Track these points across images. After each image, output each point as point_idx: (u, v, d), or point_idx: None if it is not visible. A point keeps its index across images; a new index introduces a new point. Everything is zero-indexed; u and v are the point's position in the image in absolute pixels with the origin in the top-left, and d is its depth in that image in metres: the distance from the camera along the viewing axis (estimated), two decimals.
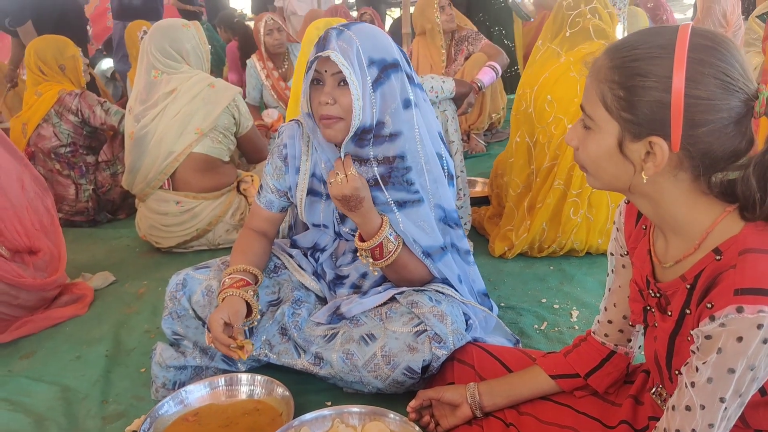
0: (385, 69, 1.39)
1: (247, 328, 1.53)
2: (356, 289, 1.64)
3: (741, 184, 0.87)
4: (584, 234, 2.25)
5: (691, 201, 0.91)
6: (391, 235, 1.47)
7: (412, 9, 5.74)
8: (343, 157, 1.42)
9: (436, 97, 2.20)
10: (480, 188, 3.07)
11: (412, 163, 1.46)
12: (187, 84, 2.53)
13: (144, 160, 2.53)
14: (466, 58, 3.65)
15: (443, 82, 2.22)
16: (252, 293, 1.49)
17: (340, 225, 1.59)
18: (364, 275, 1.63)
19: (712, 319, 0.85)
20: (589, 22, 2.24)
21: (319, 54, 1.34)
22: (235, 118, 2.59)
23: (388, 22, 6.84)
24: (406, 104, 1.43)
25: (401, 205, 1.48)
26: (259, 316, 1.53)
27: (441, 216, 1.54)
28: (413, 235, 1.50)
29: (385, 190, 1.46)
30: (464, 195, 2.36)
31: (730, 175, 0.89)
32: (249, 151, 2.84)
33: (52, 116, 2.95)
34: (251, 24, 4.53)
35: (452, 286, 1.58)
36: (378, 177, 1.45)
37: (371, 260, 1.49)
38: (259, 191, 1.66)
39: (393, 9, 9.24)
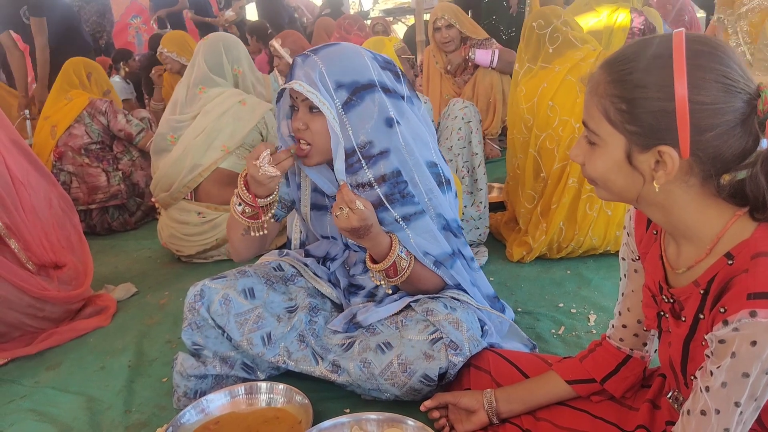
0: (357, 91, 1.39)
1: (265, 335, 1.57)
2: (371, 297, 1.65)
3: (750, 182, 0.86)
4: (603, 228, 2.25)
5: (701, 205, 0.91)
6: (402, 252, 1.48)
7: (426, 17, 5.78)
8: (339, 185, 1.41)
9: None
10: (496, 194, 3.08)
11: (407, 177, 1.46)
12: (217, 99, 2.54)
13: (168, 172, 2.56)
14: (477, 66, 3.69)
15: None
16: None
17: (346, 237, 1.61)
18: (378, 286, 1.65)
19: (726, 323, 0.85)
20: (567, 33, 2.30)
21: (283, 86, 1.40)
22: (262, 135, 2.60)
23: (402, 29, 6.86)
24: (389, 123, 1.43)
25: (407, 219, 1.49)
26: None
27: (443, 224, 1.55)
28: (423, 247, 1.50)
29: (391, 208, 1.47)
30: (484, 207, 2.37)
31: (738, 176, 0.88)
32: None
33: (84, 117, 3.21)
34: None
35: (466, 291, 1.59)
36: (382, 197, 1.45)
37: (386, 279, 1.50)
38: None
39: (408, 16, 9.29)
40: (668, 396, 1.14)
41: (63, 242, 2.18)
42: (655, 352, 1.23)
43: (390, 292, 1.59)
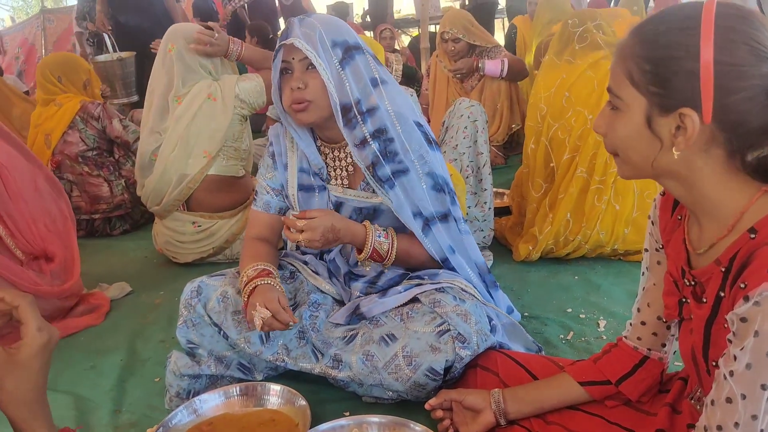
0: (349, 50, 1.46)
1: (264, 333, 1.50)
2: (371, 284, 1.60)
3: None
4: (610, 223, 2.21)
5: (724, 180, 0.87)
6: (380, 236, 1.50)
7: (432, 28, 5.77)
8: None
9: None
10: (501, 199, 3.02)
11: (394, 134, 1.49)
12: (186, 100, 2.38)
13: (155, 188, 2.47)
14: (483, 74, 3.66)
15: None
16: (279, 280, 1.49)
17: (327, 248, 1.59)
18: (380, 274, 1.61)
19: (747, 299, 0.80)
20: (596, 36, 2.30)
21: (283, 42, 1.42)
22: (242, 117, 2.45)
23: (406, 40, 6.86)
24: (374, 83, 1.50)
25: (396, 176, 1.49)
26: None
27: (431, 184, 1.54)
28: (413, 208, 1.51)
29: (385, 164, 1.48)
30: (488, 208, 2.31)
31: (765, 152, 0.84)
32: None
33: (77, 122, 3.04)
34: None
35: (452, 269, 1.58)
36: (378, 153, 1.48)
37: (376, 264, 1.53)
38: (255, 198, 1.66)
39: (412, 30, 9.30)
40: (690, 397, 1.08)
41: (50, 227, 2.10)
42: (675, 353, 1.17)
43: (387, 271, 1.60)
